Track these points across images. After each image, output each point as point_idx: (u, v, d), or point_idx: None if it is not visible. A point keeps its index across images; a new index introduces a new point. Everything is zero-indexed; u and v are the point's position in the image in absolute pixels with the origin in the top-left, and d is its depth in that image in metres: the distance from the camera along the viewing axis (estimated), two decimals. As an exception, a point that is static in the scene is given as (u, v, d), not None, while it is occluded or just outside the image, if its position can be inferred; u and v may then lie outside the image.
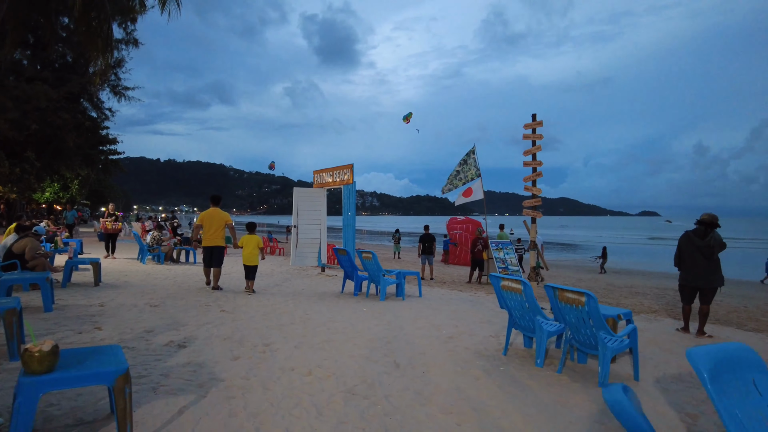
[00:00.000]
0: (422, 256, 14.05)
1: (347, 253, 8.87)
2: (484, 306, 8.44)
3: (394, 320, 6.70)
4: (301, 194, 12.96)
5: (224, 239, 9.00)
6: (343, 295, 9.02)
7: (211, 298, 8.05)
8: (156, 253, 14.06)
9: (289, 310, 7.26)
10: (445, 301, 8.89)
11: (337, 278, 12.01)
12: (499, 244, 14.07)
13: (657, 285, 15.49)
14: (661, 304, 10.59)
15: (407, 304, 8.19)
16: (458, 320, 6.88)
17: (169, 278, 10.63)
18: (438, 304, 8.31)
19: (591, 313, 4.24)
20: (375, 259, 8.31)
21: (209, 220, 8.80)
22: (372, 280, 8.74)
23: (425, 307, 7.96)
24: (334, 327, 6.17)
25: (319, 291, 9.46)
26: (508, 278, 4.97)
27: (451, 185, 14.39)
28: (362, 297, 8.80)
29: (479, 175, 13.92)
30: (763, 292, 15.00)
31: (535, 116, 8.15)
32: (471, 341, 5.69)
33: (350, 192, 12.09)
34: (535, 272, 8.09)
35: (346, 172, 12.18)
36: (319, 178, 13.28)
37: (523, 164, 8.22)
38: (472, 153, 14.09)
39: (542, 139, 8.06)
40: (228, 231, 9.15)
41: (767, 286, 17.36)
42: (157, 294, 8.28)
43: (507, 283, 4.98)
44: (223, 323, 6.23)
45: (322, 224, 13.10)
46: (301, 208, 12.83)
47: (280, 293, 8.94)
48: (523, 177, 8.26)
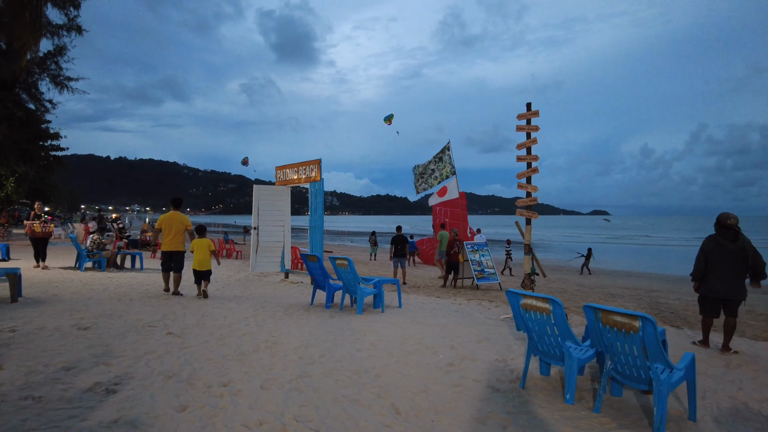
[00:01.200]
0: (394, 259, 13.00)
1: (317, 259, 7.71)
2: (472, 318, 7.47)
3: (378, 342, 5.60)
4: (262, 192, 11.65)
5: (184, 244, 8.71)
6: (314, 307, 7.84)
7: (157, 316, 6.70)
8: (97, 259, 12.38)
9: (251, 331, 6.02)
10: (429, 312, 7.87)
11: (303, 285, 10.78)
12: (474, 246, 13.22)
13: (627, 285, 15.07)
14: (645, 307, 9.99)
15: (388, 318, 7.11)
16: (452, 339, 5.85)
17: (109, 289, 9.13)
18: (423, 317, 7.27)
19: (648, 341, 3.30)
20: (351, 266, 7.18)
21: (169, 223, 8.49)
22: (347, 290, 7.61)
23: (409, 321, 6.90)
24: (308, 355, 5.00)
25: (285, 303, 8.23)
26: (533, 296, 3.98)
27: (427, 184, 13.45)
28: (335, 309, 7.65)
29: (454, 172, 13.05)
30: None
31: (530, 105, 7.25)
32: (477, 369, 4.66)
33: (318, 190, 10.90)
34: (530, 280, 7.16)
35: (313, 168, 10.98)
36: (282, 175, 12.00)
37: (517, 159, 7.30)
38: (447, 150, 13.19)
39: (538, 131, 7.16)
40: (187, 235, 8.80)
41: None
42: (90, 311, 6.85)
43: (530, 301, 3.98)
44: (169, 352, 4.95)
45: (285, 225, 11.83)
46: (262, 207, 11.52)
47: (238, 307, 7.66)
48: (516, 173, 7.33)
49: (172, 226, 8.48)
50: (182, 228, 8.58)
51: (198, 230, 8.80)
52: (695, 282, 5.53)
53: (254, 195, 11.47)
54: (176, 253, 8.51)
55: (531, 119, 7.24)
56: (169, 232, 8.47)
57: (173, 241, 8.48)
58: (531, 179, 7.25)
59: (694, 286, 5.54)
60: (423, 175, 13.36)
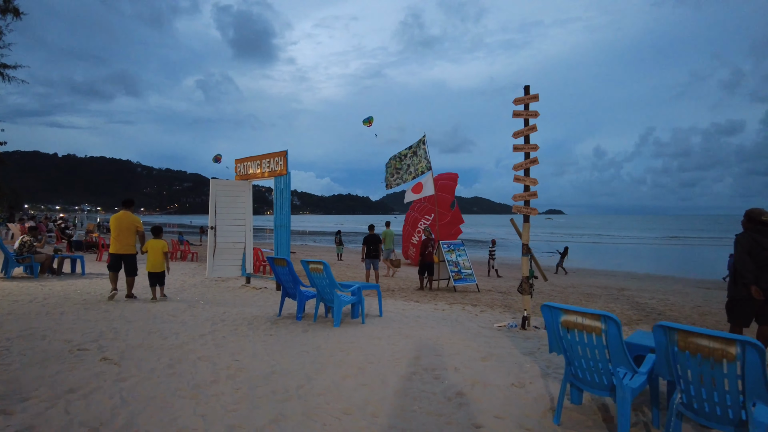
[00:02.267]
0: (366, 260, 12.02)
1: (287, 263, 6.62)
2: (464, 327, 6.59)
3: (366, 364, 4.60)
4: (221, 188, 10.39)
5: (135, 246, 8.26)
6: (283, 319, 6.73)
7: (92, 334, 5.44)
8: (28, 263, 10.78)
9: (209, 353, 4.88)
10: (414, 321, 6.93)
11: (268, 292, 9.62)
12: (450, 245, 12.43)
13: (600, 284, 14.69)
14: (627, 308, 9.44)
15: (371, 330, 6.11)
16: (451, 356, 4.93)
17: (37, 300, 7.72)
18: (409, 328, 6.32)
19: (750, 369, 2.47)
20: (327, 271, 6.13)
21: (118, 224, 7.97)
22: (322, 298, 6.56)
23: (396, 333, 5.93)
24: (281, 386, 3.94)
25: (249, 314, 7.08)
26: (579, 312, 3.09)
27: (401, 179, 12.51)
28: (308, 321, 6.58)
29: (430, 168, 12.18)
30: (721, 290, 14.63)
31: (528, 88, 6.43)
32: (494, 400, 3.74)
33: (285, 185, 9.77)
34: (528, 283, 6.36)
35: (278, 160, 9.84)
36: (242, 169, 10.78)
37: (513, 149, 6.47)
38: (422, 143, 12.30)
39: (537, 117, 6.35)
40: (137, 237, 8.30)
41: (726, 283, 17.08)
42: (4, 331, 5.52)
43: (575, 318, 3.09)
44: (100, 387, 3.78)
45: (246, 225, 10.62)
46: (221, 204, 10.27)
47: (194, 321, 6.47)
48: (513, 165, 6.50)
49: (122, 227, 7.98)
50: (132, 229, 8.10)
51: (154, 231, 8.58)
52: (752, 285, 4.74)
53: (211, 191, 10.21)
54: (126, 256, 8.03)
55: (529, 104, 6.43)
56: (118, 233, 7.96)
57: (123, 243, 8.00)
58: (529, 171, 6.43)
59: (753, 291, 4.76)
60: (398, 170, 12.42)
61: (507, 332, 6.27)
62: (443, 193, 18.58)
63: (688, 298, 11.95)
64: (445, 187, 19.00)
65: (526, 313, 6.44)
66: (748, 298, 4.79)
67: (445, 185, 19.10)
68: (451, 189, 19.13)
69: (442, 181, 19.23)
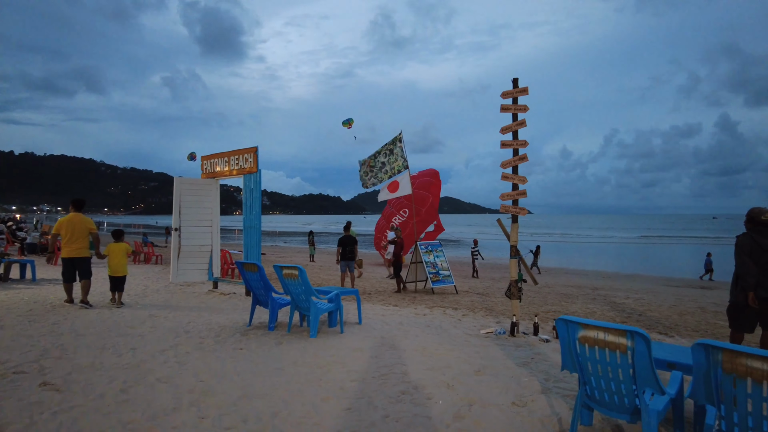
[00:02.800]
0: (342, 263, 11.48)
1: (258, 268, 6.04)
2: (449, 334, 6.16)
3: (349, 383, 4.09)
4: (186, 186, 9.68)
5: (89, 249, 7.72)
6: (253, 329, 6.14)
7: (34, 353, 4.75)
8: (-31, 269, 9.81)
9: (170, 373, 4.28)
10: (396, 328, 6.47)
11: (237, 298, 8.98)
12: (428, 246, 12.03)
13: (573, 283, 14.60)
14: (607, 308, 9.25)
15: (351, 341, 5.61)
16: (441, 371, 4.47)
17: (-25, 311, 6.90)
18: (392, 337, 5.84)
19: None
20: (303, 277, 5.60)
21: (70, 227, 7.46)
22: (297, 306, 6.01)
23: (379, 344, 5.45)
24: (254, 413, 3.39)
25: (216, 323, 6.46)
26: (601, 327, 2.69)
27: (376, 179, 12.01)
28: (282, 331, 6.01)
29: (407, 166, 11.74)
30: (699, 290, 14.74)
31: (517, 81, 6.06)
32: (497, 424, 3.29)
33: (255, 184, 9.14)
34: (518, 287, 5.98)
35: (248, 157, 9.21)
36: (209, 166, 10.09)
37: (501, 145, 6.08)
38: (398, 141, 11.85)
39: (527, 112, 5.98)
40: (91, 239, 7.76)
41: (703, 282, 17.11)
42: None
43: (596, 334, 2.69)
44: (34, 424, 3.15)
45: (213, 226, 9.94)
46: (186, 204, 9.56)
47: (153, 333, 5.81)
48: (500, 162, 6.11)
49: (73, 230, 7.46)
50: (86, 231, 7.61)
51: (115, 234, 8.21)
52: (751, 291, 4.44)
53: (175, 190, 9.49)
54: (80, 260, 7.54)
55: (518, 97, 6.05)
56: (71, 236, 7.44)
57: (76, 247, 7.49)
58: (518, 169, 6.06)
59: (749, 298, 4.47)
60: (373, 168, 11.93)
61: (495, 340, 5.88)
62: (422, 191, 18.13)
63: (661, 297, 11.92)
64: (424, 185, 18.57)
65: (515, 319, 6.06)
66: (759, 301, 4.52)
67: (425, 182, 18.68)
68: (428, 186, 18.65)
69: (423, 178, 18.82)
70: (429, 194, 18.37)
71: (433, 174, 19.33)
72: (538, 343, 5.75)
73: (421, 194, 18.06)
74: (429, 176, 19.15)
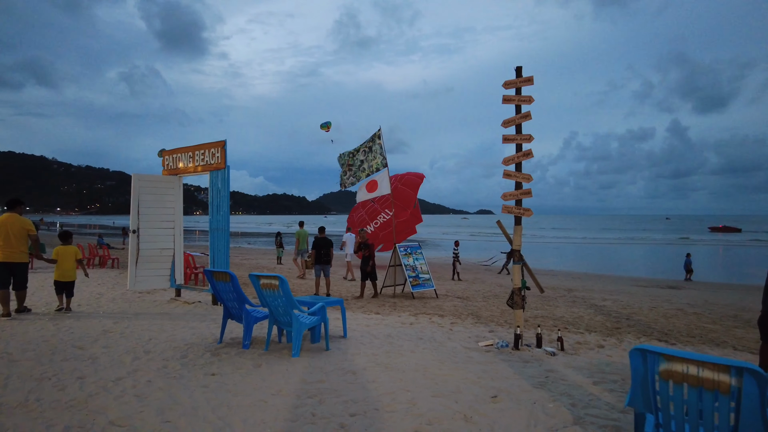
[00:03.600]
0: (316, 267, 10.70)
1: (231, 277, 5.23)
2: (446, 348, 5.52)
3: (349, 418, 3.35)
4: (145, 184, 8.67)
5: (27, 253, 7.07)
6: (225, 347, 5.31)
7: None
8: None
9: (127, 411, 3.40)
10: (386, 342, 5.78)
11: (203, 307, 8.06)
12: (408, 249, 11.41)
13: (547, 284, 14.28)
14: (593, 312, 8.89)
15: (340, 360, 4.87)
16: (453, 397, 3.80)
17: None
18: (384, 353, 5.15)
19: None
20: (285, 288, 4.82)
21: (5, 229, 6.77)
22: (276, 321, 5.23)
23: (372, 363, 4.75)
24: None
25: (181, 340, 5.58)
26: (692, 359, 2.11)
27: (355, 177, 11.29)
28: (258, 349, 5.20)
29: (386, 164, 11.08)
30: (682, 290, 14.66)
31: (521, 70, 5.51)
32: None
33: (223, 181, 8.26)
34: (521, 296, 5.43)
35: (215, 152, 8.31)
36: (171, 162, 9.11)
37: (503, 140, 5.51)
38: (377, 138, 11.17)
39: (531, 104, 5.44)
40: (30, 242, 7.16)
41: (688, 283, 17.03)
42: None
43: (687, 368, 2.11)
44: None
45: (176, 227, 8.97)
46: (145, 204, 8.56)
47: (107, 354, 4.90)
48: (502, 159, 5.54)
49: (9, 232, 6.77)
50: (23, 233, 6.93)
51: (62, 237, 7.73)
52: None
53: (133, 188, 8.47)
54: (17, 266, 6.86)
55: (521, 87, 5.50)
56: (6, 239, 6.74)
57: (12, 251, 6.79)
58: (521, 166, 5.50)
59: None
60: (351, 166, 11.20)
61: (498, 354, 5.29)
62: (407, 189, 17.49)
63: (636, 297, 11.74)
64: (409, 183, 17.94)
65: (518, 330, 5.49)
66: None
67: (411, 181, 18.04)
68: (416, 186, 18.03)
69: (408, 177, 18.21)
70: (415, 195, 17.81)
71: (419, 176, 18.72)
72: (545, 357, 5.21)
73: (406, 193, 17.42)
74: (416, 177, 18.55)
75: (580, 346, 5.84)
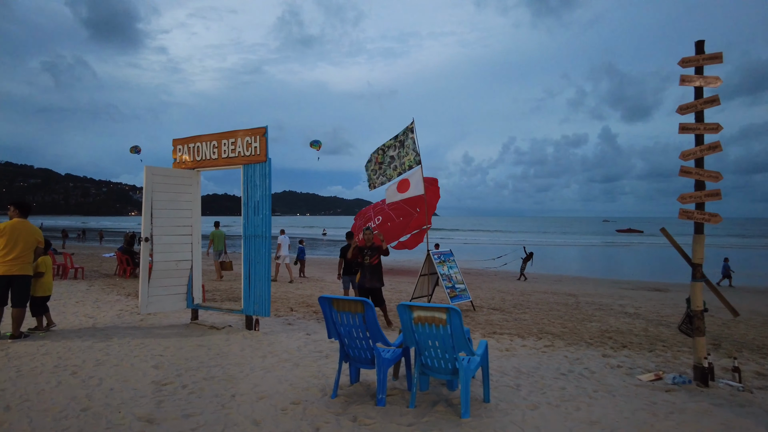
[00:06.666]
0: (344, 278, 9.14)
1: (366, 307, 3.65)
2: (606, 385, 4.30)
3: None
4: (160, 178, 6.76)
5: (32, 266, 5.97)
6: (344, 402, 3.70)
7: None
8: None
9: None
10: (527, 380, 4.43)
11: (240, 334, 6.26)
12: (441, 256, 10.07)
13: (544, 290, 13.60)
14: (648, 325, 7.93)
15: (517, 418, 3.46)
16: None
17: None
18: (559, 403, 3.83)
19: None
20: (455, 321, 3.34)
21: (13, 236, 5.67)
22: (425, 366, 3.70)
23: (560, 416, 3.42)
24: None
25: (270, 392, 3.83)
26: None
27: (385, 177, 9.82)
28: (398, 405, 3.65)
29: (420, 161, 9.69)
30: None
31: (703, 44, 4.38)
32: None
33: (262, 177, 6.56)
34: (702, 320, 4.28)
35: (251, 141, 6.59)
36: (186, 153, 7.23)
37: (679, 129, 4.36)
38: (410, 131, 9.76)
39: (718, 86, 4.31)
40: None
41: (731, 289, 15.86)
42: None
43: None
44: None
45: (194, 233, 7.14)
46: (158, 205, 6.67)
47: (183, 424, 3.24)
48: (680, 152, 4.37)
49: (18, 240, 5.69)
50: (33, 244, 5.89)
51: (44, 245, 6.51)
52: None
53: (145, 185, 6.54)
54: (20, 279, 5.72)
55: (704, 66, 4.36)
56: (12, 247, 5.65)
57: (18, 262, 5.69)
58: (703, 161, 4.36)
59: None
60: (381, 164, 9.72)
61: (688, 393, 4.11)
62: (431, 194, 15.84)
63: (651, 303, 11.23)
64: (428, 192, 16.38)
65: (707, 363, 4.34)
66: None
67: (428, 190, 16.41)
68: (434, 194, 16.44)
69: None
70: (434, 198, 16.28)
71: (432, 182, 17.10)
72: (740, 394, 4.11)
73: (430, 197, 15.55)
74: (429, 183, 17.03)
75: (756, 378, 4.77)
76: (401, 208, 15.05)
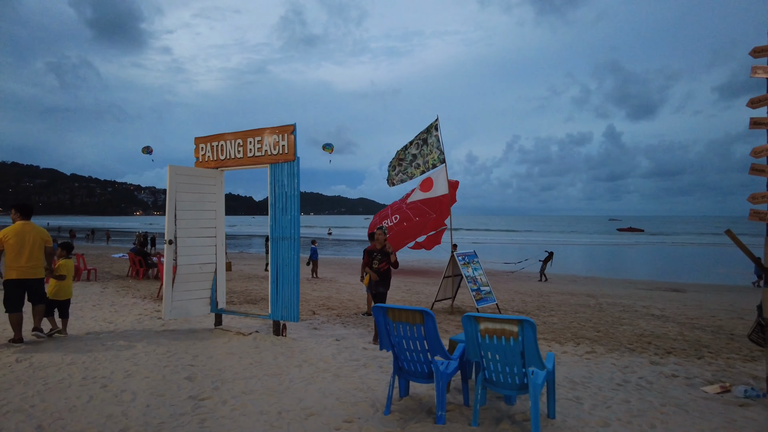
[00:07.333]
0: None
1: (426, 317, 3.36)
2: (672, 399, 4.00)
3: None
4: (184, 178, 6.48)
5: (43, 267, 5.81)
6: (401, 420, 3.44)
7: None
8: None
9: None
10: (585, 391, 4.16)
11: (269, 340, 5.98)
12: (465, 258, 9.76)
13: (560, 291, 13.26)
14: (688, 330, 7.63)
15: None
16: None
17: None
18: (629, 419, 3.54)
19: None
20: (529, 334, 3.06)
21: (20, 239, 5.53)
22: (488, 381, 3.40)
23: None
24: None
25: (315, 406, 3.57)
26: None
27: (406, 174, 9.52)
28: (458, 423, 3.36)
29: (443, 160, 9.39)
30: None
31: (775, 31, 4.04)
32: None
33: (290, 176, 6.27)
34: None
35: (279, 139, 6.30)
36: (209, 152, 6.94)
37: (750, 124, 4.04)
38: (434, 129, 9.45)
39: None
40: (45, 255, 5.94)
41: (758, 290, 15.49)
42: None
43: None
44: None
45: (218, 235, 6.86)
46: (183, 206, 6.40)
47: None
48: (752, 149, 4.06)
49: (25, 242, 5.56)
50: (41, 245, 5.74)
51: (67, 247, 6.66)
52: None
53: (169, 185, 6.26)
54: (33, 282, 5.68)
55: (776, 55, 4.05)
56: (20, 250, 5.52)
57: (30, 265, 5.59)
58: (777, 158, 4.05)
59: None
60: (402, 161, 9.43)
61: (751, 407, 3.81)
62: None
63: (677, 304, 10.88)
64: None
65: (779, 377, 4.04)
66: None
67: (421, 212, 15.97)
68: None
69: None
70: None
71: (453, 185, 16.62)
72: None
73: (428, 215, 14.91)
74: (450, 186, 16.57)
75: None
76: (418, 207, 14.66)
